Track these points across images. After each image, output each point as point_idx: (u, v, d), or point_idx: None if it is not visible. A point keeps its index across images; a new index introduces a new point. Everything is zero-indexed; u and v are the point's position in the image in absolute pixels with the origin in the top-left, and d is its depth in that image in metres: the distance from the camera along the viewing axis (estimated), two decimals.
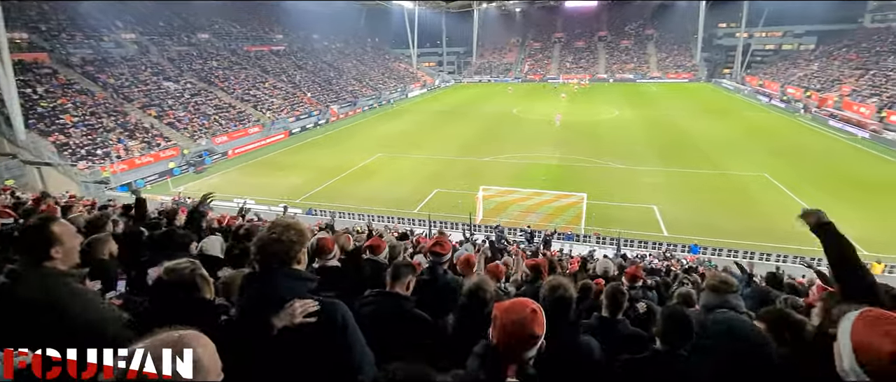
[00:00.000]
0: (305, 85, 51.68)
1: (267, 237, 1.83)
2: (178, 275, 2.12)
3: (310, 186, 24.99)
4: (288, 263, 1.85)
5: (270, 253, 1.82)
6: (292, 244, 1.85)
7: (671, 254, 15.57)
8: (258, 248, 1.84)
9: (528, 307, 1.63)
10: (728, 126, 37.13)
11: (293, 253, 1.86)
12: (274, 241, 1.82)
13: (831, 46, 57.80)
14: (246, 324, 1.78)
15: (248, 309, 1.85)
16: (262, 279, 1.84)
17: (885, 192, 21.73)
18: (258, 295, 1.82)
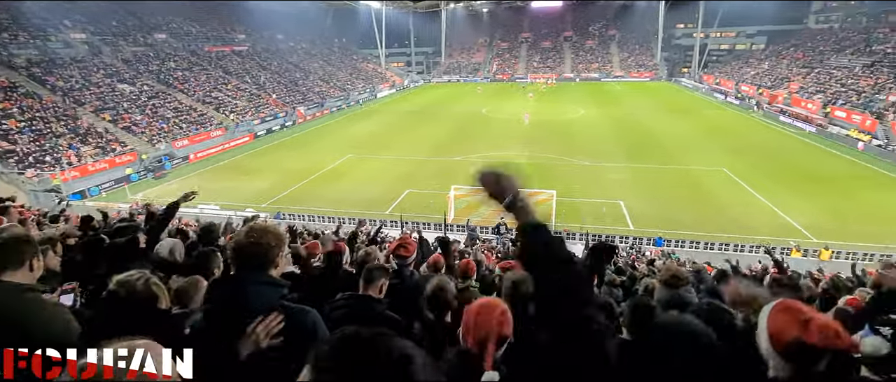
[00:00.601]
0: (270, 86, 50.43)
1: (244, 241, 1.77)
2: (130, 288, 2.01)
3: (277, 189, 24.39)
4: (264, 268, 1.79)
5: (247, 256, 1.76)
6: (270, 248, 1.79)
7: (637, 249, 16.04)
8: (234, 252, 1.78)
9: (498, 308, 1.64)
10: (688, 123, 38.64)
11: (271, 258, 1.80)
12: (251, 245, 1.76)
13: (780, 46, 61.14)
14: (211, 334, 1.70)
15: (215, 317, 1.77)
16: (232, 285, 1.78)
17: (831, 183, 23.18)
18: (226, 302, 1.75)
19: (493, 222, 18.81)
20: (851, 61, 44.68)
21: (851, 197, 21.29)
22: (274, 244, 1.80)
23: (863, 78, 40.01)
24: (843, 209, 19.94)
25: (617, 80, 69.92)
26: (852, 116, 34.22)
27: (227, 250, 1.87)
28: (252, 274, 1.76)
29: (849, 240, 16.67)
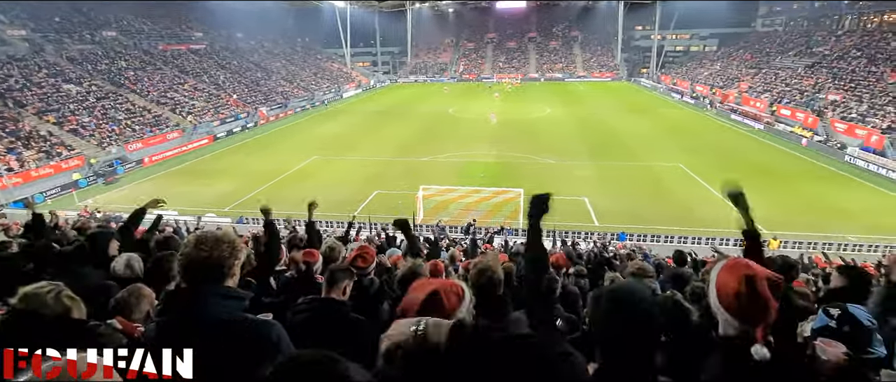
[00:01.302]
0: (230, 86, 48.77)
1: (194, 254, 1.65)
2: (39, 302, 1.88)
3: (240, 193, 23.60)
4: (220, 281, 1.69)
5: (198, 271, 1.64)
6: (224, 260, 1.68)
7: (604, 244, 16.47)
8: (183, 267, 1.66)
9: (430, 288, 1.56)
10: (647, 122, 40.08)
11: (226, 270, 1.69)
12: (203, 259, 1.64)
13: (730, 48, 64.43)
14: (161, 346, 1.59)
15: (169, 329, 1.66)
16: (189, 298, 1.66)
17: (778, 177, 24.62)
18: (183, 315, 1.65)
19: (463, 222, 18.91)
20: (794, 62, 47.62)
21: (796, 190, 22.69)
22: (228, 254, 1.69)
23: (805, 78, 42.72)
24: (788, 201, 21.21)
25: (580, 80, 71.72)
26: (796, 114, 36.47)
27: (177, 262, 1.75)
28: (210, 286, 1.66)
29: (794, 230, 17.75)
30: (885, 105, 31.80)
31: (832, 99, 35.99)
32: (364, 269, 3.44)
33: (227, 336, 1.63)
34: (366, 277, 3.44)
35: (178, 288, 1.73)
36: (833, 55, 44.52)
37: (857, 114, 32.31)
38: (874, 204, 21.20)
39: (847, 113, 33.00)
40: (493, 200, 21.19)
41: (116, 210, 19.73)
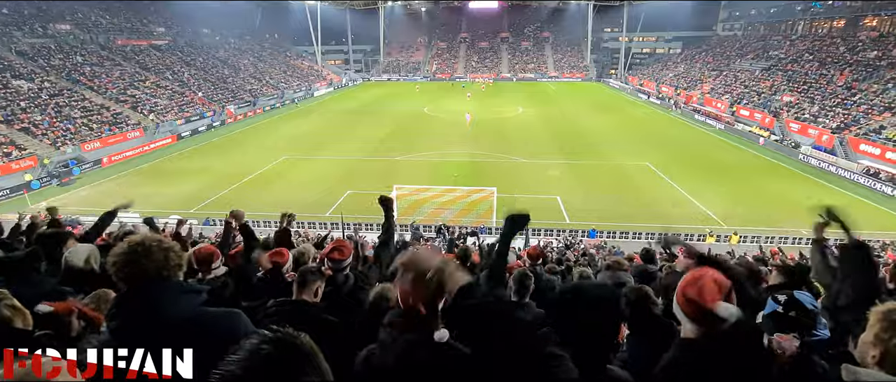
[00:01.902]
0: (195, 83, 47.13)
1: (128, 252, 1.58)
2: None
3: (207, 194, 22.84)
4: (171, 277, 1.62)
5: (141, 268, 1.57)
6: (166, 252, 1.61)
7: (571, 242, 16.79)
8: (117, 266, 1.57)
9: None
10: (616, 121, 41.12)
11: (172, 263, 1.62)
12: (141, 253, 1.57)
13: (693, 50, 66.88)
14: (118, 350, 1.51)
15: (125, 332, 1.56)
16: (141, 295, 1.57)
17: (738, 175, 25.77)
18: (138, 316, 1.55)
19: (436, 221, 18.92)
20: (752, 65, 49.86)
21: (755, 187, 23.78)
22: (168, 247, 1.63)
23: (762, 80, 44.80)
24: (748, 197, 22.21)
25: (551, 80, 72.89)
26: (754, 114, 38.20)
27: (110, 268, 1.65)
28: (160, 284, 1.59)
29: (753, 225, 18.59)
30: (834, 106, 33.72)
31: (787, 100, 37.89)
32: (340, 263, 3.36)
33: (190, 333, 1.54)
34: (341, 272, 3.37)
35: (129, 289, 1.63)
36: (787, 59, 46.87)
37: (810, 114, 34.13)
38: (825, 199, 22.43)
39: (800, 113, 34.81)
40: (466, 199, 21.27)
41: (74, 213, 18.77)
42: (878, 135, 27.83)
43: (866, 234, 17.39)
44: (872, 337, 1.26)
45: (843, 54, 41.56)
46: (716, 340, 1.45)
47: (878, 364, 1.22)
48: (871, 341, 1.26)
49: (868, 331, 1.29)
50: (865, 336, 1.30)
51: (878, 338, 1.23)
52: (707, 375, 1.41)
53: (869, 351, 1.26)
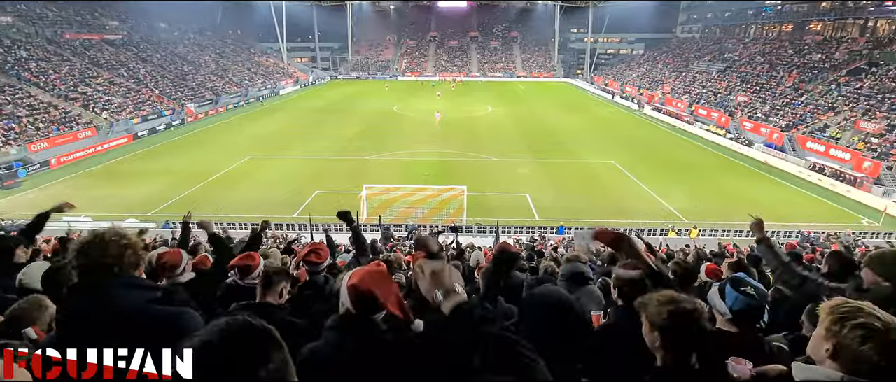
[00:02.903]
0: (152, 80, 45.03)
1: (87, 242, 1.59)
2: None
3: (166, 196, 21.87)
4: (125, 271, 1.61)
5: (95, 259, 1.56)
6: (124, 248, 1.61)
7: (537, 239, 17.07)
8: (78, 252, 1.58)
9: (381, 267, 1.69)
10: (582, 120, 42.09)
11: (128, 260, 1.62)
12: (97, 245, 1.58)
13: (655, 52, 69.32)
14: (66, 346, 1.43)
15: (74, 327, 1.53)
16: (92, 289, 1.55)
17: (697, 172, 26.89)
18: (87, 309, 1.52)
19: (406, 221, 18.84)
20: (709, 66, 52.10)
21: (713, 183, 24.87)
22: (126, 244, 1.64)
23: (718, 81, 46.89)
24: (706, 193, 23.21)
25: (520, 80, 73.86)
26: (712, 114, 39.93)
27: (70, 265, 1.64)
28: (112, 277, 1.59)
29: (712, 219, 19.43)
30: (783, 106, 35.67)
31: (741, 100, 39.82)
32: (317, 265, 3.29)
33: (137, 327, 1.51)
34: (319, 275, 3.30)
35: (80, 282, 1.60)
36: (741, 61, 49.26)
37: (762, 113, 35.98)
38: (776, 194, 23.73)
39: (753, 113, 36.65)
40: (437, 198, 21.26)
41: (19, 217, 17.58)
42: (822, 134, 29.64)
43: (810, 226, 18.52)
44: (823, 331, 1.30)
45: (791, 57, 44.03)
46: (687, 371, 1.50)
47: (831, 358, 1.27)
48: (823, 335, 1.30)
49: (819, 327, 1.34)
50: (817, 332, 1.35)
51: (829, 331, 1.28)
52: None
53: (822, 345, 1.31)
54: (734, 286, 1.99)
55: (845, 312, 1.27)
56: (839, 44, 41.87)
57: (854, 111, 30.58)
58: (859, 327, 1.22)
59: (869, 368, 1.20)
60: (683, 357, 1.49)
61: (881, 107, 29.54)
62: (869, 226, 19.44)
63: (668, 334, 1.50)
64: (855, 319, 1.24)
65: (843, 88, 33.94)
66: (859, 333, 1.21)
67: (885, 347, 1.18)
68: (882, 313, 1.24)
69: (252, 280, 3.30)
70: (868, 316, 1.23)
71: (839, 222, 19.79)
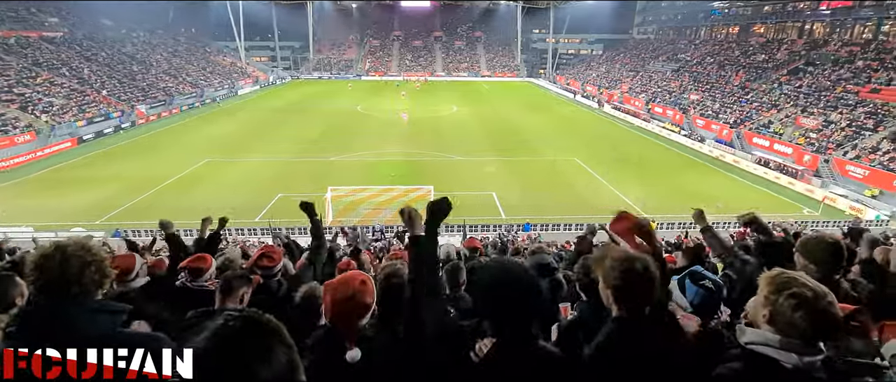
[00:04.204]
0: (98, 81, 42.48)
1: (45, 256, 1.44)
2: None
3: (116, 202, 20.68)
4: (89, 294, 1.47)
5: (52, 277, 1.42)
6: (86, 265, 1.46)
7: (506, 237, 17.28)
8: (34, 267, 1.43)
9: (357, 279, 1.67)
10: (545, 119, 42.96)
11: (89, 278, 1.48)
12: (57, 260, 1.43)
13: (613, 52, 71.61)
14: None
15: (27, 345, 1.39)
16: (50, 313, 1.41)
17: (655, 168, 27.99)
18: (46, 336, 1.37)
19: (372, 222, 18.63)
20: (664, 66, 54.35)
21: (669, 178, 25.94)
22: (90, 260, 1.48)
23: (672, 80, 48.97)
24: (663, 187, 24.18)
25: (485, 80, 74.55)
26: (667, 112, 41.66)
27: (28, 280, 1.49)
28: (74, 302, 1.44)
29: (667, 213, 20.26)
30: (732, 103, 37.67)
31: (693, 98, 41.76)
32: (271, 269, 3.19)
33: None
34: (273, 279, 3.19)
35: (36, 306, 1.45)
36: (693, 61, 51.64)
37: (712, 111, 37.86)
38: (726, 187, 25.03)
39: (705, 110, 38.51)
40: (403, 198, 21.12)
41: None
42: (766, 129, 31.51)
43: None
44: (762, 299, 1.44)
45: (738, 57, 46.56)
46: (641, 320, 1.62)
47: (768, 323, 1.41)
48: (762, 302, 1.44)
49: (758, 294, 1.48)
50: (756, 299, 1.49)
51: (767, 299, 1.41)
52: (634, 350, 1.56)
53: (760, 311, 1.44)
54: (693, 280, 2.06)
55: (781, 282, 1.40)
56: (780, 45, 44.66)
57: (794, 108, 32.69)
58: (792, 296, 1.35)
59: (799, 332, 1.33)
60: (636, 311, 1.61)
61: (818, 103, 31.72)
62: (809, 216, 20.82)
63: (621, 291, 1.61)
64: (789, 288, 1.37)
65: (785, 87, 36.21)
66: (792, 301, 1.34)
67: (814, 313, 1.32)
68: (814, 283, 1.38)
69: (203, 282, 3.15)
70: (801, 286, 1.36)
71: (783, 212, 21.09)
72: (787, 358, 1.34)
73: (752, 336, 1.43)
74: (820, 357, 1.35)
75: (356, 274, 1.74)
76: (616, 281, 1.61)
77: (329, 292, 1.64)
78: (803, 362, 1.33)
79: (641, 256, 1.66)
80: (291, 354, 1.01)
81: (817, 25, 44.32)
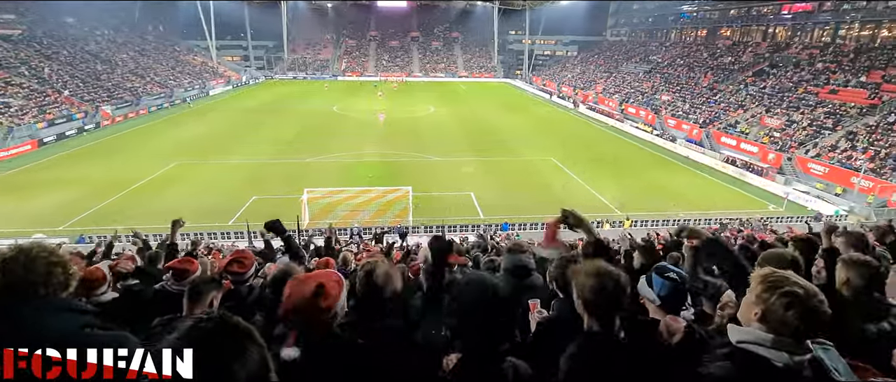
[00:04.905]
0: (60, 80, 40.68)
1: (9, 258, 1.43)
2: None
3: (81, 207, 19.83)
4: (54, 293, 1.46)
5: (16, 278, 1.41)
6: (52, 266, 1.46)
7: (484, 234, 17.37)
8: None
9: (314, 282, 1.63)
10: (522, 119, 43.39)
11: (56, 279, 1.47)
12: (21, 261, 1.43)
13: (588, 54, 72.93)
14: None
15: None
16: (13, 312, 1.39)
17: (629, 167, 28.62)
18: (6, 335, 1.34)
19: (350, 224, 18.46)
20: (636, 68, 55.66)
21: (643, 177, 26.57)
22: (55, 261, 1.48)
23: (644, 81, 50.20)
24: (636, 185, 24.76)
25: (462, 80, 74.78)
26: (640, 112, 42.67)
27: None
28: (37, 300, 1.43)
29: (642, 210, 20.76)
30: (701, 104, 38.88)
31: (665, 99, 42.90)
32: (242, 275, 3.10)
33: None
34: (244, 284, 3.10)
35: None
36: (664, 63, 53.08)
37: (682, 111, 38.99)
38: (697, 185, 25.81)
39: (675, 111, 39.61)
40: (382, 199, 21.00)
41: None
42: (733, 129, 32.64)
43: (724, 214, 20.33)
44: (754, 298, 1.45)
45: (706, 59, 48.11)
46: (616, 333, 1.63)
47: (759, 321, 1.42)
48: (753, 301, 1.45)
49: (749, 293, 1.49)
50: (747, 298, 1.50)
51: (759, 298, 1.43)
52: (609, 364, 1.56)
53: (751, 310, 1.46)
54: (659, 274, 2.11)
55: (773, 281, 1.42)
56: (745, 47, 46.37)
57: (759, 108, 33.98)
58: (785, 295, 1.37)
59: (791, 330, 1.36)
60: (608, 323, 1.62)
61: (781, 104, 33.06)
62: (774, 212, 21.68)
63: (592, 303, 1.63)
64: (782, 287, 1.39)
65: (750, 88, 37.61)
66: (785, 300, 1.37)
67: (805, 312, 1.35)
68: (805, 282, 1.41)
69: (186, 285, 3.05)
70: (793, 285, 1.39)
71: (750, 209, 21.90)
72: (778, 357, 1.36)
73: (744, 334, 1.44)
74: (808, 356, 1.37)
75: (323, 274, 1.71)
76: (589, 294, 1.64)
77: (290, 286, 1.64)
78: (794, 361, 1.35)
79: (613, 271, 1.67)
80: (263, 352, 1.04)
81: (780, 29, 46.22)
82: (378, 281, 2.27)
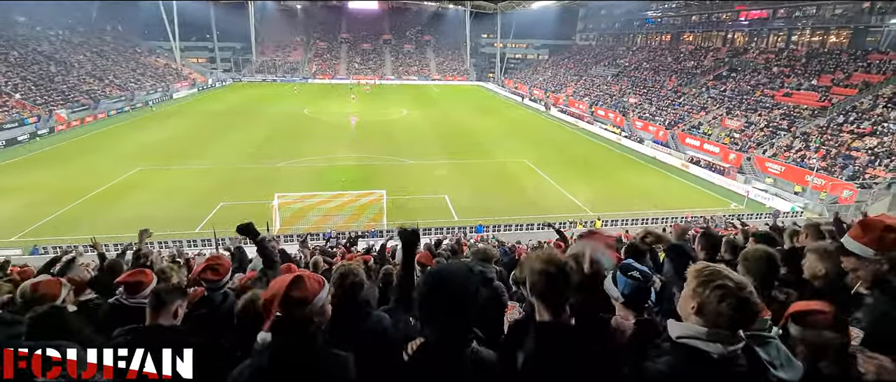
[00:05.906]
0: (10, 83, 38.43)
1: None
2: None
3: (34, 217, 18.76)
4: None
5: None
6: None
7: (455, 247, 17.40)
8: None
9: (294, 275, 1.68)
10: (495, 121, 43.79)
11: None
12: None
13: (558, 57, 74.31)
14: None
15: None
16: None
17: (599, 168, 29.31)
18: None
19: (324, 229, 18.21)
20: (605, 71, 57.10)
21: (612, 177, 27.26)
22: None
23: (613, 84, 51.55)
24: (607, 186, 25.36)
25: (435, 83, 74.85)
26: (609, 114, 43.76)
27: None
28: None
29: (612, 210, 21.28)
30: (666, 107, 40.21)
31: (632, 102, 44.15)
32: (216, 283, 3.00)
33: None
34: (218, 292, 3.00)
35: None
36: (631, 66, 54.65)
37: (649, 113, 40.22)
38: (663, 185, 26.66)
39: (643, 113, 40.83)
40: (355, 203, 20.76)
41: None
42: (697, 130, 33.90)
43: (690, 212, 21.08)
44: (690, 292, 1.52)
45: (671, 63, 49.82)
46: (565, 321, 1.66)
47: (696, 314, 1.48)
48: (690, 295, 1.52)
49: (686, 287, 1.55)
50: (684, 293, 1.57)
51: (694, 292, 1.49)
52: (560, 352, 1.59)
53: (688, 304, 1.52)
54: (623, 272, 2.16)
55: (707, 275, 1.48)
56: (707, 52, 48.28)
57: (720, 110, 35.42)
58: (718, 287, 1.43)
59: (726, 322, 1.42)
60: (556, 312, 1.64)
61: (740, 106, 34.56)
62: (736, 209, 22.62)
63: (539, 292, 1.65)
64: (715, 281, 1.45)
65: (712, 91, 39.16)
66: (719, 293, 1.43)
67: (738, 303, 1.41)
68: (734, 275, 1.48)
69: (142, 299, 2.90)
70: (724, 278, 1.45)
71: (713, 207, 22.78)
72: (714, 349, 1.42)
73: (683, 329, 1.50)
74: (740, 345, 1.44)
75: (307, 272, 1.77)
76: (536, 283, 1.66)
77: (273, 280, 1.72)
78: (727, 351, 1.41)
79: (559, 259, 1.70)
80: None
81: (738, 35, 48.35)
82: (353, 282, 2.28)
